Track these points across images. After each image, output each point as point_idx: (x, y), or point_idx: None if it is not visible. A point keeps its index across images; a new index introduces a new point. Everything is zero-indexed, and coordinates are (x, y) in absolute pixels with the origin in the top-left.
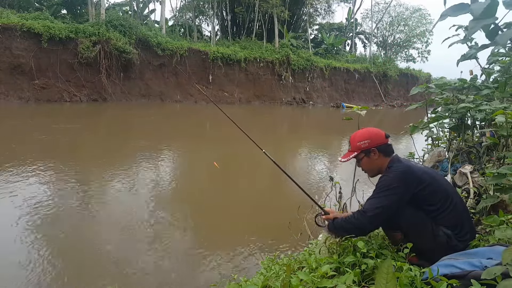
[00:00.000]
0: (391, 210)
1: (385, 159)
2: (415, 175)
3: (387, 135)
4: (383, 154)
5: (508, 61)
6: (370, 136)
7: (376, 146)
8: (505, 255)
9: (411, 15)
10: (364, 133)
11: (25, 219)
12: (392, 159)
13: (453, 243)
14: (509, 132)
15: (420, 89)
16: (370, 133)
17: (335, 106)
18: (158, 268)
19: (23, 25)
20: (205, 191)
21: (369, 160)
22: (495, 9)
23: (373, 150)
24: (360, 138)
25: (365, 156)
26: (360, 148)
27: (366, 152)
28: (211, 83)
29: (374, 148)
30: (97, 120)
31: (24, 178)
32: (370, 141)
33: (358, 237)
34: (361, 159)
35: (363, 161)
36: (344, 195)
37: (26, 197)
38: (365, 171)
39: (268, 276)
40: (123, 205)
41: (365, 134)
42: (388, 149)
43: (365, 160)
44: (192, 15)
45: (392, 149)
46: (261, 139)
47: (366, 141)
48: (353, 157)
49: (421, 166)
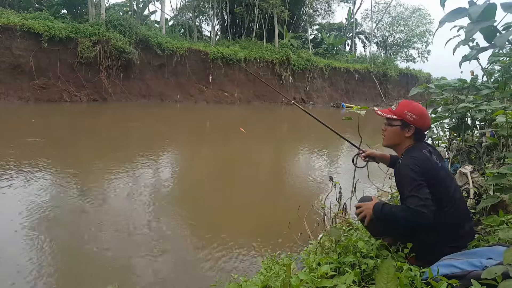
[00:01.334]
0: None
1: (412, 142)
2: (430, 165)
3: (430, 126)
4: (415, 138)
5: (508, 61)
6: (421, 115)
7: (417, 126)
8: (507, 255)
9: (411, 15)
10: (418, 108)
11: (24, 219)
12: (415, 145)
13: (449, 243)
14: (509, 132)
15: (419, 89)
16: (423, 113)
17: (335, 106)
18: (158, 268)
19: (23, 25)
20: (205, 191)
21: (399, 132)
22: (494, 12)
23: (411, 127)
24: (412, 109)
25: (399, 126)
26: (404, 117)
27: (405, 124)
28: (211, 83)
29: (414, 126)
30: (98, 119)
31: (24, 178)
32: (418, 118)
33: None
34: (393, 125)
35: (393, 129)
36: (344, 195)
37: (26, 197)
38: (384, 136)
39: (268, 276)
40: (123, 205)
41: (418, 110)
42: (422, 136)
43: (396, 129)
44: (192, 15)
45: (424, 138)
46: (261, 139)
47: (415, 116)
48: (390, 117)
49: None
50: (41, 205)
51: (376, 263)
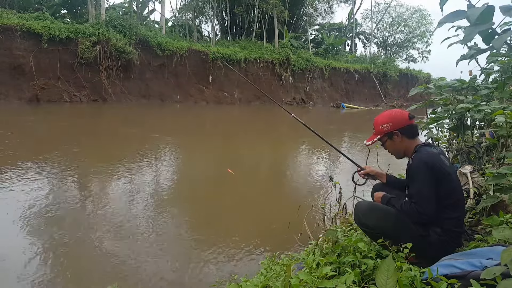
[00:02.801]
0: (434, 197)
1: (409, 141)
2: (436, 166)
3: (411, 116)
4: (407, 136)
5: (507, 61)
6: (392, 119)
7: (399, 129)
8: (504, 256)
9: (411, 16)
10: (385, 116)
11: (23, 219)
12: (419, 145)
13: (447, 241)
14: (508, 132)
15: (419, 89)
16: (392, 116)
17: (335, 106)
18: (158, 268)
19: (23, 25)
20: (204, 191)
21: (392, 143)
22: (492, 14)
23: (395, 133)
24: (382, 121)
25: (388, 139)
26: (383, 132)
27: (389, 135)
28: (211, 83)
29: (397, 131)
30: (98, 120)
31: (24, 177)
32: (392, 123)
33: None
34: (384, 142)
35: (387, 144)
36: (344, 195)
37: (25, 197)
38: (391, 153)
39: (268, 277)
40: (123, 205)
41: (386, 117)
42: (412, 131)
43: (389, 143)
44: (192, 15)
45: (417, 130)
46: (262, 139)
47: (388, 124)
48: (377, 140)
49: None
50: (41, 205)
51: (376, 263)
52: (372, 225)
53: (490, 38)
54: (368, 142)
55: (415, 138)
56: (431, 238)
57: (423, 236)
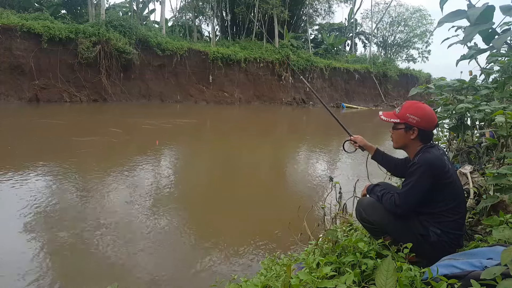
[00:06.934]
0: (420, 197)
1: (419, 143)
2: (441, 169)
3: (437, 124)
4: (420, 139)
5: (507, 61)
6: (422, 116)
7: (421, 128)
8: (504, 256)
9: (411, 16)
10: (420, 109)
11: (23, 219)
12: (425, 145)
13: (447, 242)
14: (508, 132)
15: (419, 89)
16: (425, 114)
17: (335, 106)
18: (157, 268)
19: (23, 25)
20: (205, 191)
21: (404, 135)
22: (492, 14)
23: (415, 129)
24: (414, 111)
25: (404, 129)
26: (406, 120)
27: (409, 126)
28: (211, 83)
29: (417, 128)
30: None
31: (23, 178)
32: (420, 120)
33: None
34: (398, 128)
35: (398, 131)
36: (344, 195)
37: (25, 197)
38: (393, 140)
39: (268, 277)
40: (123, 205)
41: (420, 111)
42: (428, 138)
43: (401, 132)
44: (192, 15)
45: (432, 138)
46: (262, 139)
47: (418, 118)
48: (393, 121)
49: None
50: (40, 205)
51: (376, 263)
52: (373, 221)
53: (490, 38)
54: (384, 118)
55: (426, 143)
56: (431, 238)
57: (423, 236)
